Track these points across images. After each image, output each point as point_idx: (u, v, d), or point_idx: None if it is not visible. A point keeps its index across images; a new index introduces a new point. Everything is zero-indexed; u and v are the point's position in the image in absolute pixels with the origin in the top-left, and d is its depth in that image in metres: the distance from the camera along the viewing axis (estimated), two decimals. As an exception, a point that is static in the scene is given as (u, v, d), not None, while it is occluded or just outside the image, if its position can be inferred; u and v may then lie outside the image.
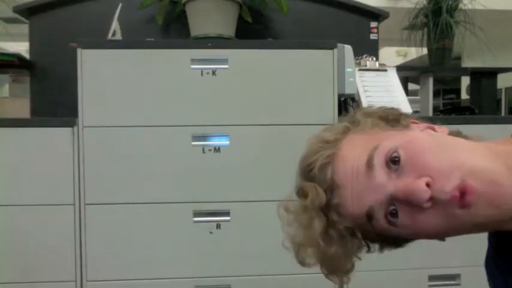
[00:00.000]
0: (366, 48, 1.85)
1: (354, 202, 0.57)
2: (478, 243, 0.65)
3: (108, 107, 1.32)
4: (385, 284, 1.40)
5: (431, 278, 1.42)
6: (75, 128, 1.33)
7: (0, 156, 1.32)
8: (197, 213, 1.35)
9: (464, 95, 8.45)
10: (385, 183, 0.55)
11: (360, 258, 0.61)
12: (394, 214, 0.55)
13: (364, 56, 1.65)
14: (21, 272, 1.34)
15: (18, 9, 1.75)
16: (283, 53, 1.36)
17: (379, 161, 0.55)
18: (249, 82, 1.35)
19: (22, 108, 1.65)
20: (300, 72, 1.36)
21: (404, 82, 2.24)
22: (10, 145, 1.32)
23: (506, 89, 7.70)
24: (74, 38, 1.41)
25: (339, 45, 1.42)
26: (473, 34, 1.98)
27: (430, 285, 1.42)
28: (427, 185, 0.52)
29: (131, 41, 1.35)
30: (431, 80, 2.03)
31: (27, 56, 1.77)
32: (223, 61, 1.34)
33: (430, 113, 2.09)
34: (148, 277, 1.35)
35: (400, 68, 1.71)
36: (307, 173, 0.60)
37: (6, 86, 1.79)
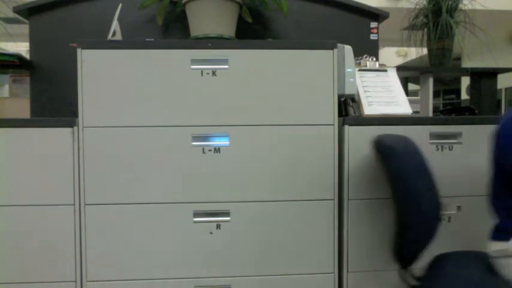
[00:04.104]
0: (366, 48, 1.86)
1: None
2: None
3: (108, 107, 1.32)
4: (385, 284, 1.40)
5: (431, 278, 1.42)
6: (75, 128, 1.33)
7: (0, 156, 1.33)
8: (197, 214, 1.35)
9: (464, 95, 8.46)
10: None
11: None
12: None
13: (364, 56, 1.65)
14: (21, 272, 1.34)
15: (18, 9, 1.75)
16: (283, 53, 1.36)
17: None
18: (249, 82, 1.35)
19: (22, 108, 1.65)
20: (299, 72, 1.36)
21: (404, 82, 2.24)
22: (10, 145, 1.33)
23: (506, 89, 7.70)
24: (74, 38, 1.42)
25: (339, 45, 1.42)
26: (473, 34, 1.99)
27: (430, 285, 1.42)
28: None
29: (131, 41, 1.35)
30: (431, 80, 2.03)
31: (27, 56, 1.78)
32: (223, 61, 1.34)
33: (430, 113, 2.10)
34: (148, 277, 1.35)
35: (400, 68, 1.71)
36: None
37: (6, 86, 1.79)
